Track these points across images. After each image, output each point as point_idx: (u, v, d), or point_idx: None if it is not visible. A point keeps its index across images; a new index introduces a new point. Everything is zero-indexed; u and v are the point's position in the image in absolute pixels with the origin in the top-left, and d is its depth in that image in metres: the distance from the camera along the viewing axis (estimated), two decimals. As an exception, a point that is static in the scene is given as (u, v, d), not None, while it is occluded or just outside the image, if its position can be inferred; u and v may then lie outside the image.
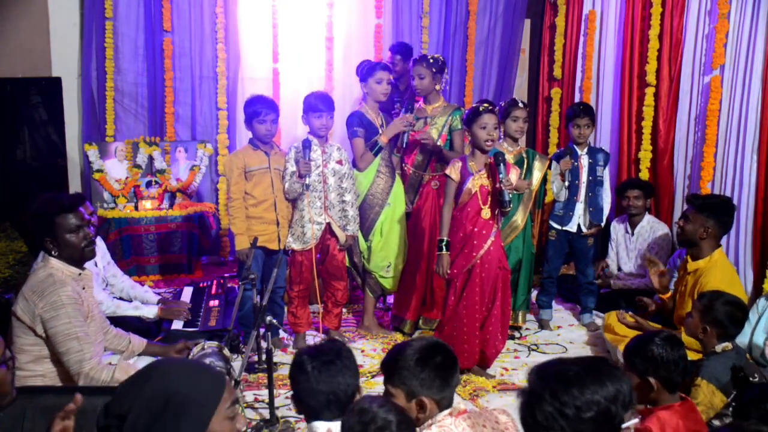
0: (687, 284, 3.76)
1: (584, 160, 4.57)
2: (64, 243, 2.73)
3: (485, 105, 3.80)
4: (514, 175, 3.80)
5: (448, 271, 3.77)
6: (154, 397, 1.35)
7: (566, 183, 4.56)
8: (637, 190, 4.93)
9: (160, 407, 1.34)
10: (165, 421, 1.34)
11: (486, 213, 3.76)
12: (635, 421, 1.62)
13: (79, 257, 2.78)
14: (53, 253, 2.73)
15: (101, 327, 2.96)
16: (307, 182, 3.96)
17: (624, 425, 1.55)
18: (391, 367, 2.09)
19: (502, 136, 4.40)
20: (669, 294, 4.05)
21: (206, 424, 1.38)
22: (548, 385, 1.54)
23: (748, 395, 2.48)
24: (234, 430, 1.44)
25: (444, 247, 3.78)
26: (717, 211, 3.75)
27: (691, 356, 2.82)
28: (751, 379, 2.81)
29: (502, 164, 3.67)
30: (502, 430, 2.09)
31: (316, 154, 4.04)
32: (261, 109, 3.99)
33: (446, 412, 2.06)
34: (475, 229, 3.77)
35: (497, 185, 3.69)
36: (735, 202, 4.67)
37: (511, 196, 3.71)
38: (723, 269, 3.66)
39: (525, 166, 4.43)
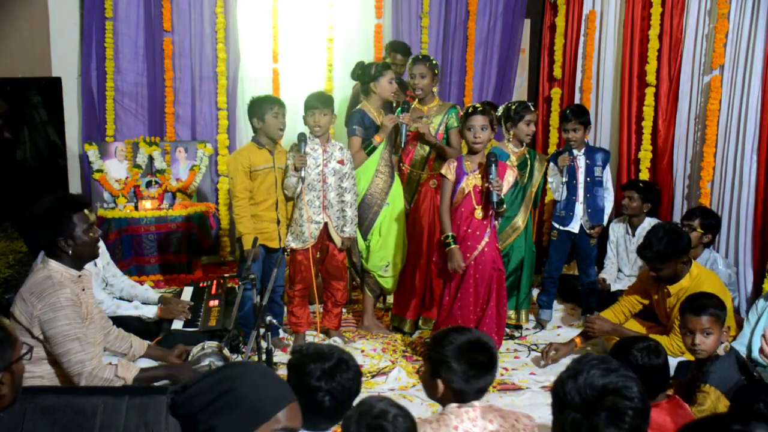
0: (672, 306, 3.65)
1: (581, 161, 4.55)
2: (80, 241, 2.71)
3: (473, 107, 3.83)
4: (511, 177, 3.79)
5: (462, 264, 3.74)
6: (217, 383, 1.41)
7: (564, 179, 4.55)
8: (632, 191, 4.86)
9: (217, 394, 1.38)
10: (215, 408, 1.38)
11: (479, 213, 3.75)
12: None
13: (90, 255, 2.79)
14: (68, 251, 2.70)
15: (102, 328, 2.95)
16: (302, 175, 3.96)
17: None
18: (435, 343, 2.22)
19: (510, 139, 4.38)
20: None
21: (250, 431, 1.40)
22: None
23: (740, 396, 2.49)
24: None
25: (452, 242, 3.76)
26: (678, 245, 3.57)
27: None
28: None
29: (493, 165, 3.67)
30: (519, 429, 2.13)
31: (316, 153, 4.05)
32: (273, 105, 4.01)
33: (455, 405, 2.14)
34: (469, 230, 3.76)
35: (486, 185, 3.69)
36: (735, 202, 4.68)
37: (500, 197, 3.68)
38: (709, 281, 3.59)
39: (528, 166, 4.43)
